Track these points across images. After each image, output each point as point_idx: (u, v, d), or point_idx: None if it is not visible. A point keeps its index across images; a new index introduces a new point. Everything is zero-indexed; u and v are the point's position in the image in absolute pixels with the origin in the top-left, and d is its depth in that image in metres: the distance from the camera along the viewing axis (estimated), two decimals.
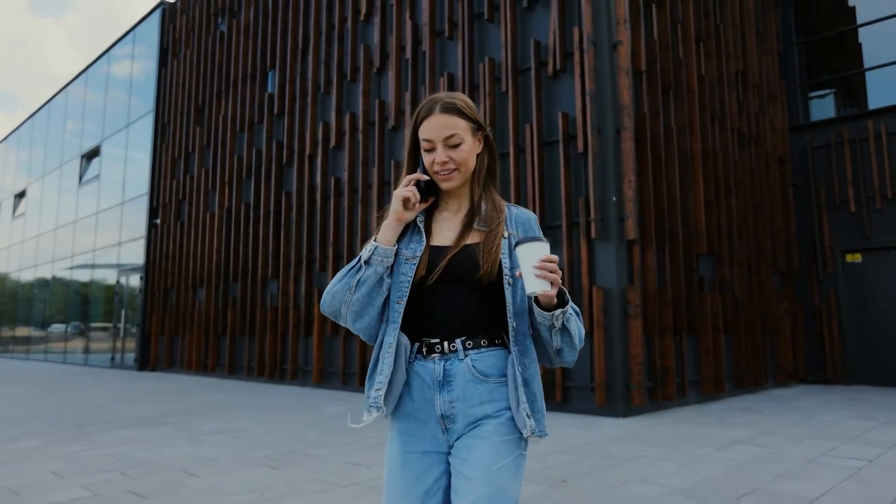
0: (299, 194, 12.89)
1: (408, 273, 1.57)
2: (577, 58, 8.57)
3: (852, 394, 10.16)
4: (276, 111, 13.99)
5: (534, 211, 8.51)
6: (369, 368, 1.58)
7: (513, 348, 1.54)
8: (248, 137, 14.77)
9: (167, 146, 18.00)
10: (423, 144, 1.61)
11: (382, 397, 1.52)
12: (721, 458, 5.33)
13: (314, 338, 11.76)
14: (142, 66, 20.32)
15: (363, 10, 12.10)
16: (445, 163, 1.58)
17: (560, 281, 1.41)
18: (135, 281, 18.81)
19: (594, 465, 5.14)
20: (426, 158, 1.61)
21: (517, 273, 1.46)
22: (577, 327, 1.57)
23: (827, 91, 12.94)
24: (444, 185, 1.62)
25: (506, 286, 1.55)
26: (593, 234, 8.11)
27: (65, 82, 25.89)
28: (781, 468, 4.91)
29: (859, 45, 12.51)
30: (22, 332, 27.43)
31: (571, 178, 8.57)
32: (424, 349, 1.56)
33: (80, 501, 4.17)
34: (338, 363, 11.39)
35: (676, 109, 9.42)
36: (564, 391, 8.29)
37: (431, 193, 1.65)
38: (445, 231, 1.64)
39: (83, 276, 22.31)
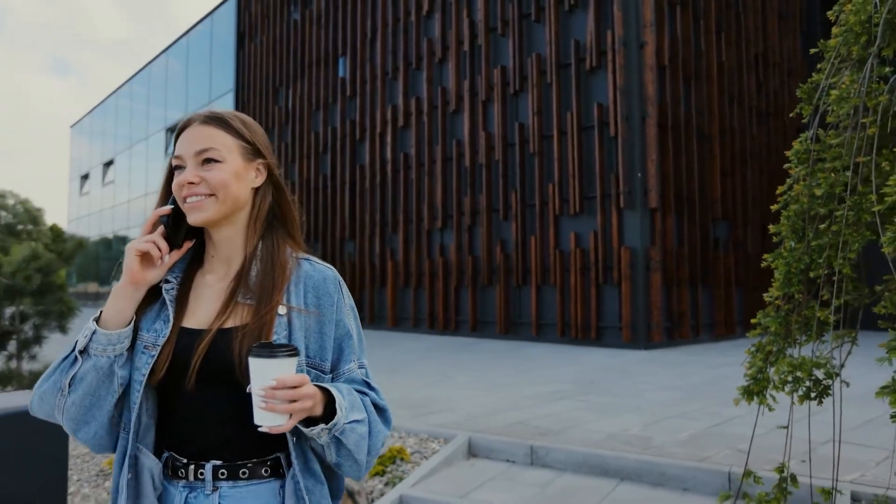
0: (372, 167, 15.02)
1: (141, 369, 1.11)
2: (609, 56, 10.32)
3: None
4: (348, 93, 16.04)
5: (573, 185, 10.49)
6: (111, 492, 1.15)
7: (295, 472, 1.11)
8: (323, 116, 16.91)
9: None
10: (174, 162, 1.16)
11: None
12: (706, 373, 7.36)
13: (388, 289, 14.08)
14: (220, 47, 22.54)
15: (425, 6, 13.92)
16: (193, 184, 1.12)
17: (304, 408, 1.01)
18: None
19: (614, 375, 7.25)
20: (175, 182, 1.15)
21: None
22: (361, 436, 1.11)
23: None
24: (191, 218, 1.13)
25: None
26: (622, 204, 10.02)
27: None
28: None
29: None
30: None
31: (605, 157, 10.43)
32: (170, 469, 1.13)
33: None
34: (409, 310, 13.69)
35: (697, 95, 11.09)
36: (598, 330, 10.34)
37: (190, 237, 1.19)
38: (205, 304, 1.16)
39: None
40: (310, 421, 1.06)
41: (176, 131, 1.18)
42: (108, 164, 32.07)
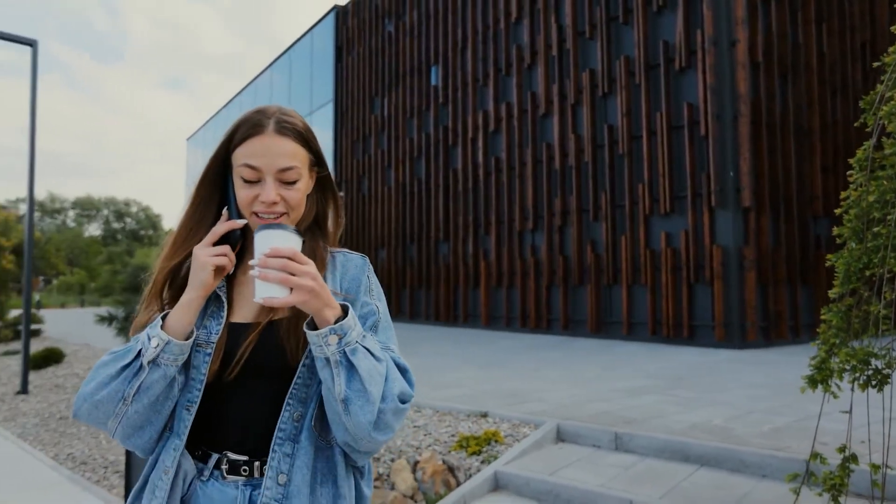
0: (464, 171, 15.58)
1: (200, 368, 1.11)
2: (699, 56, 10.31)
3: None
4: (440, 100, 16.69)
5: (663, 184, 10.56)
6: (135, 488, 1.16)
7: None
8: (417, 123, 17.66)
9: (346, 130, 21.46)
10: (243, 172, 1.10)
11: None
12: (800, 372, 7.31)
13: (482, 289, 14.58)
14: (319, 61, 23.90)
15: (514, 13, 14.31)
16: (275, 203, 1.10)
17: (304, 286, 1.00)
18: None
19: (703, 372, 7.37)
20: (244, 192, 1.11)
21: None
22: (375, 369, 1.06)
23: None
24: None
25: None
26: (713, 203, 9.99)
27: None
28: None
29: None
30: None
31: (695, 156, 10.43)
32: (223, 468, 1.11)
33: None
34: (502, 309, 14.12)
35: (794, 90, 10.84)
36: (690, 329, 10.36)
37: (234, 244, 1.16)
38: (249, 299, 1.15)
39: None
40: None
41: (243, 129, 1.12)
42: None
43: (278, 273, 0.99)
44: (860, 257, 2.71)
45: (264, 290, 1.01)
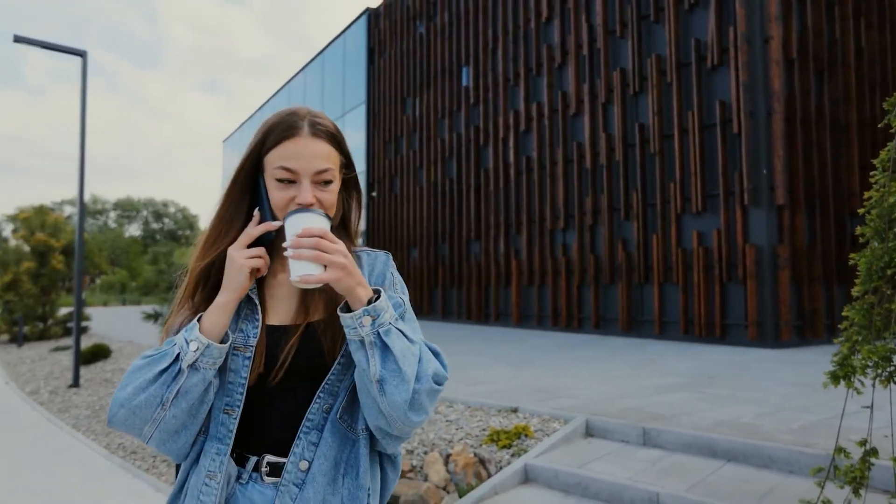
0: (495, 170, 15.69)
1: (240, 371, 1.11)
2: (732, 53, 10.25)
3: None
4: (471, 101, 16.83)
5: (695, 183, 10.54)
6: (171, 493, 1.15)
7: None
8: (448, 123, 17.83)
9: (379, 131, 21.75)
10: (278, 174, 1.10)
11: None
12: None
13: (513, 288, 14.68)
14: (352, 63, 24.24)
15: (544, 13, 14.37)
16: (311, 205, 1.10)
17: (337, 263, 1.02)
18: (357, 243, 23.09)
19: (735, 370, 7.38)
20: (279, 194, 1.11)
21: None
22: (409, 349, 1.07)
23: None
24: None
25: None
26: (746, 201, 9.93)
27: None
28: None
29: None
30: None
31: (728, 154, 10.37)
32: (263, 470, 1.12)
33: None
34: (533, 307, 14.21)
35: (831, 86, 10.69)
36: (723, 328, 10.31)
37: (268, 245, 1.16)
38: (282, 301, 1.17)
39: None
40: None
41: (277, 131, 1.11)
42: None
43: (312, 251, 1.01)
44: (882, 256, 2.77)
45: (299, 269, 1.02)
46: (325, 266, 1.02)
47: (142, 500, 4.34)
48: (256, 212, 1.14)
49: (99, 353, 11.19)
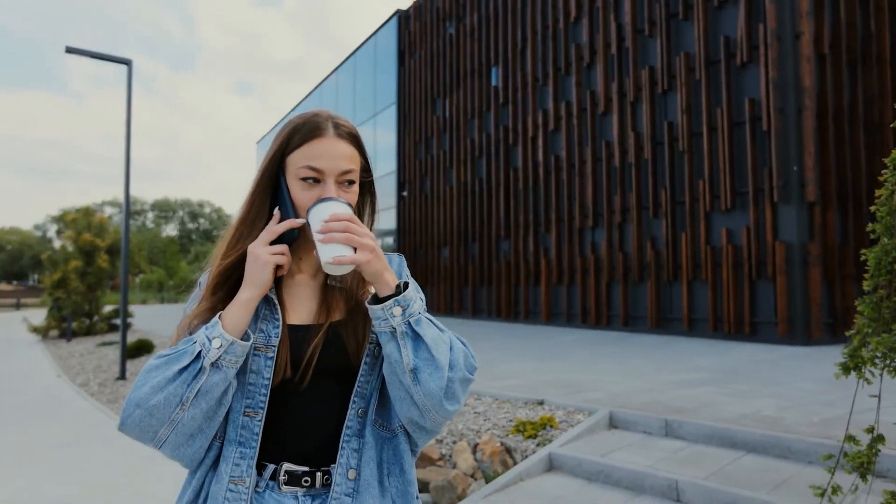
0: (525, 169, 15.83)
1: (262, 372, 1.09)
2: (761, 50, 10.23)
3: None
4: (501, 101, 16.98)
5: (724, 181, 10.55)
6: (185, 502, 1.10)
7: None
8: (478, 123, 18.01)
9: (409, 131, 22.03)
10: (303, 173, 1.10)
11: None
12: None
13: (542, 286, 14.81)
14: (383, 64, 24.58)
15: (573, 13, 14.45)
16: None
17: (366, 245, 1.03)
18: (388, 242, 23.46)
19: (762, 367, 7.43)
20: (304, 194, 1.10)
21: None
22: (440, 337, 1.07)
23: None
24: None
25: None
26: (776, 198, 9.91)
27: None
28: None
29: None
30: None
31: (757, 152, 10.35)
32: (284, 477, 1.09)
33: None
34: (562, 305, 14.32)
35: (864, 81, 10.58)
36: (752, 325, 10.30)
37: (291, 243, 1.14)
38: (302, 301, 1.16)
39: None
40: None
41: (302, 132, 1.12)
42: None
43: (343, 234, 1.01)
44: (890, 251, 2.89)
45: (331, 251, 1.02)
46: (355, 249, 1.02)
47: None
48: (277, 211, 1.12)
49: (143, 348, 11.70)
